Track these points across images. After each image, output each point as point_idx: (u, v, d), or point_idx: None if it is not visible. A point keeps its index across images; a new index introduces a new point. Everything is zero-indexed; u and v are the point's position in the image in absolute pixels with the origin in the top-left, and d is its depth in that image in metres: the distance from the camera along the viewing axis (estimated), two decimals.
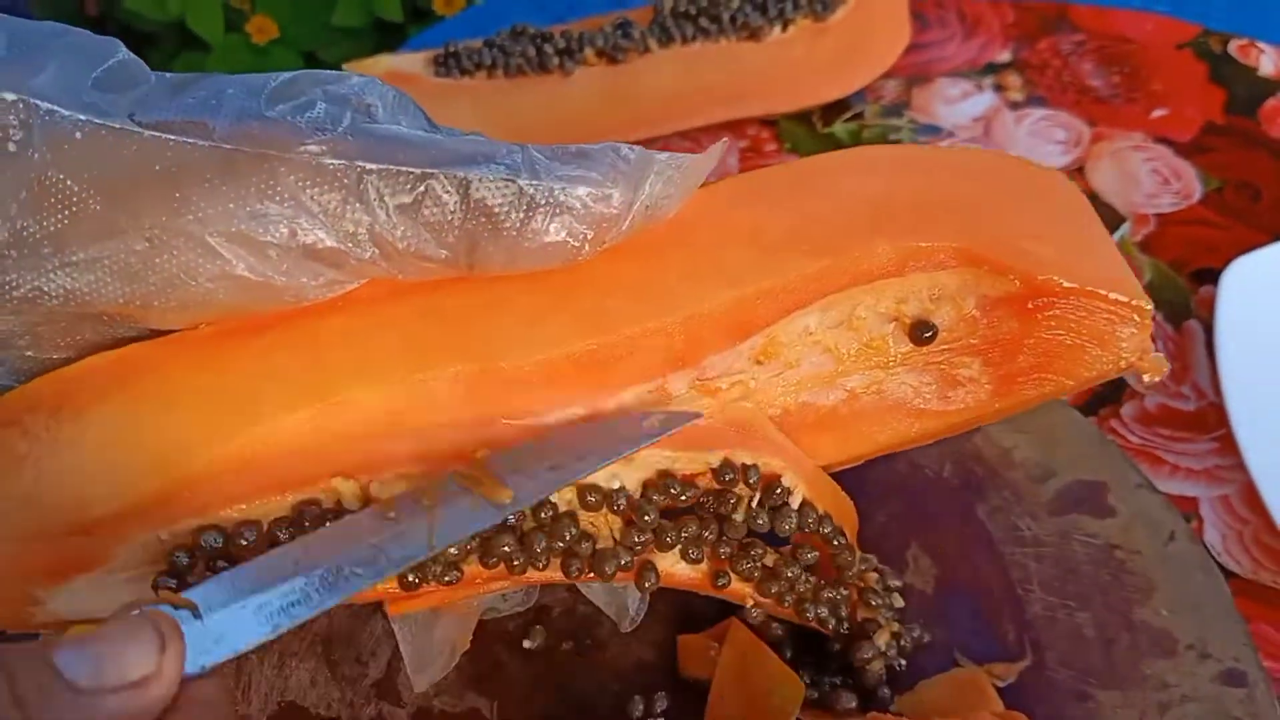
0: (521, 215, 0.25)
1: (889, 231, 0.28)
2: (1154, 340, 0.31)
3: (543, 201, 0.25)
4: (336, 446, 0.25)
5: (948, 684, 0.32)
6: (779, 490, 0.29)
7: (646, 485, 0.28)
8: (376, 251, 0.25)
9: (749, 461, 0.29)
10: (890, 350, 0.29)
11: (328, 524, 0.25)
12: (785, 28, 0.54)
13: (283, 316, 0.26)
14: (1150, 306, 0.29)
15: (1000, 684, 0.33)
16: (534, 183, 0.25)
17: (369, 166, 0.24)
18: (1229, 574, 0.40)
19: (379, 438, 0.26)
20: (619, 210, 0.26)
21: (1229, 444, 0.42)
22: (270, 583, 0.23)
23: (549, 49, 0.51)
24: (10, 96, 0.23)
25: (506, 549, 0.27)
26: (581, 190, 0.25)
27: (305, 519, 0.26)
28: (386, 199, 0.24)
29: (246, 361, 0.26)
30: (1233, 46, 0.60)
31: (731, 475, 0.28)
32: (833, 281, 0.28)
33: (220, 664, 0.21)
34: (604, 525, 0.28)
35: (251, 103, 0.24)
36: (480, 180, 0.25)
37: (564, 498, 0.28)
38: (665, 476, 0.28)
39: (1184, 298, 0.48)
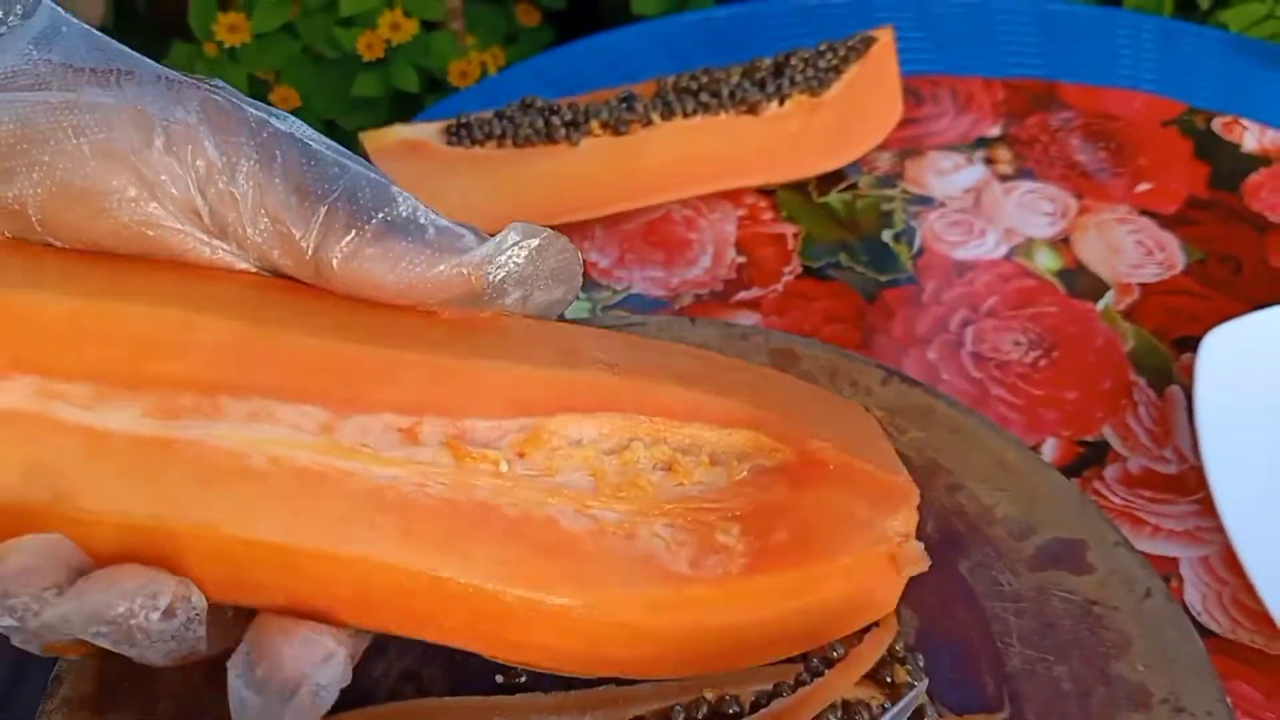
0: (383, 213, 0.25)
1: (686, 382, 0.28)
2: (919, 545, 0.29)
3: (405, 210, 0.25)
4: (70, 352, 0.25)
5: None
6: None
7: None
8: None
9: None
10: (653, 496, 0.27)
11: None
12: (782, 103, 0.56)
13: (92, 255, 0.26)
14: (916, 497, 0.28)
15: None
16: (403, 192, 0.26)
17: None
18: (1208, 633, 0.41)
19: (117, 362, 0.25)
20: (476, 255, 0.25)
21: (1208, 506, 0.43)
22: None
23: (556, 120, 0.54)
24: None
25: None
26: (440, 219, 0.25)
27: None
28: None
29: (38, 253, 0.26)
30: (1217, 123, 0.62)
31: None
32: (619, 399, 0.27)
33: None
34: None
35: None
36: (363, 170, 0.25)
37: None
38: None
39: (1166, 364, 0.50)
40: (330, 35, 0.95)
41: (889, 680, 0.33)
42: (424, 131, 0.54)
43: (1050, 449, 0.47)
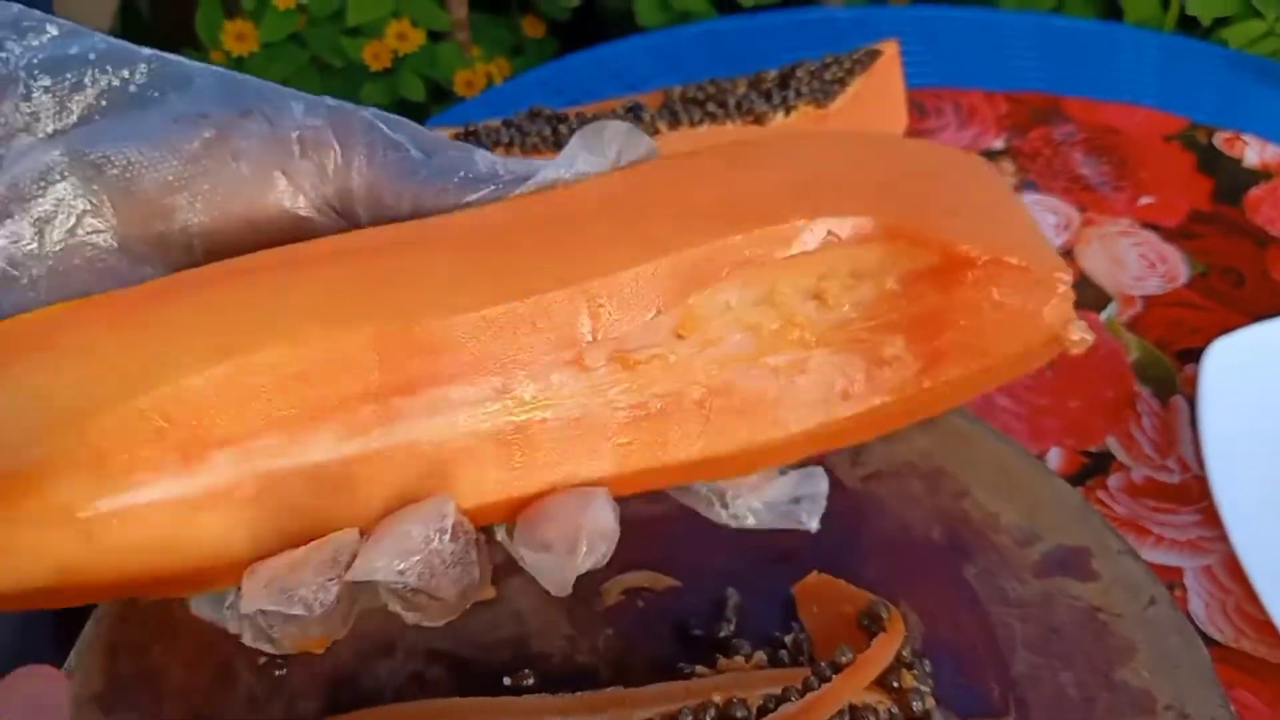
0: (463, 173, 0.28)
1: (808, 207, 0.28)
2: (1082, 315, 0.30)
3: (484, 166, 0.28)
4: (245, 412, 0.25)
5: None
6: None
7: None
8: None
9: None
10: (813, 327, 0.28)
11: None
12: (788, 114, 0.56)
13: (220, 273, 0.27)
14: (1068, 276, 0.29)
15: None
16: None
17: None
18: (1212, 642, 0.41)
19: (289, 403, 0.25)
20: (549, 173, 0.29)
21: (1212, 516, 0.43)
22: None
23: (564, 129, 0.54)
24: (147, 51, 0.28)
25: None
26: (516, 165, 0.29)
27: None
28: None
29: (171, 314, 0.26)
30: (1219, 138, 0.62)
31: None
32: (751, 253, 0.27)
33: None
34: None
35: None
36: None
37: None
38: None
39: (1170, 375, 0.50)
40: (337, 45, 0.95)
41: (895, 685, 0.33)
42: None
43: (1054, 458, 0.47)
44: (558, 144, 0.54)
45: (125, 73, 0.28)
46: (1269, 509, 0.43)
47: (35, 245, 0.26)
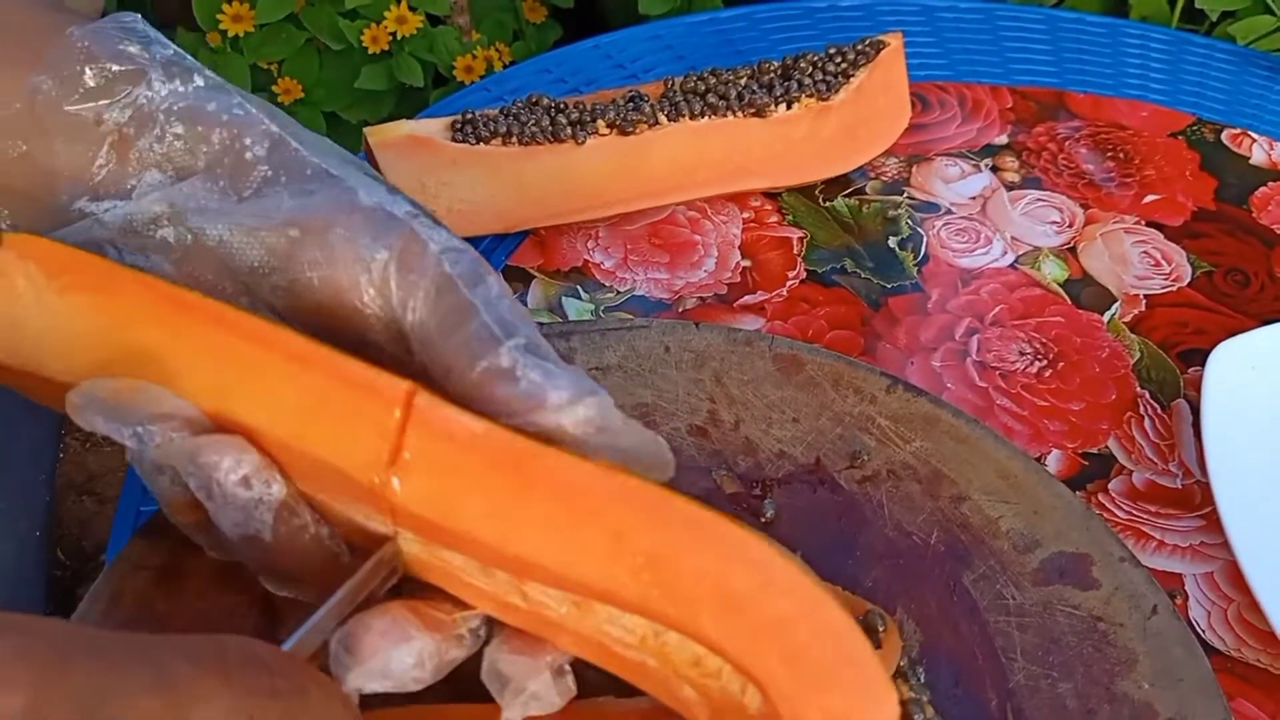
0: (486, 362, 0.28)
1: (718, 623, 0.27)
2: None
3: (506, 361, 0.28)
4: None
5: None
6: None
7: None
8: None
9: None
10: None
11: None
12: (790, 106, 0.56)
13: None
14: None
15: None
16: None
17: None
18: (1213, 651, 0.40)
19: None
20: (550, 417, 0.27)
21: (1214, 522, 0.43)
22: None
23: (563, 119, 0.53)
24: (275, 128, 0.30)
25: None
26: (536, 370, 0.27)
27: None
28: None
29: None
30: (1225, 136, 0.62)
31: None
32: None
33: None
34: None
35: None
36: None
37: None
38: None
39: (1173, 377, 0.50)
40: (335, 27, 0.94)
41: None
42: (430, 127, 0.53)
43: (1054, 461, 0.46)
44: (555, 135, 0.53)
45: (248, 140, 0.29)
46: (1272, 516, 0.43)
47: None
